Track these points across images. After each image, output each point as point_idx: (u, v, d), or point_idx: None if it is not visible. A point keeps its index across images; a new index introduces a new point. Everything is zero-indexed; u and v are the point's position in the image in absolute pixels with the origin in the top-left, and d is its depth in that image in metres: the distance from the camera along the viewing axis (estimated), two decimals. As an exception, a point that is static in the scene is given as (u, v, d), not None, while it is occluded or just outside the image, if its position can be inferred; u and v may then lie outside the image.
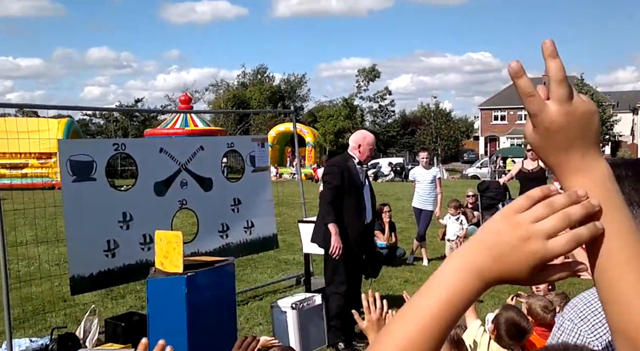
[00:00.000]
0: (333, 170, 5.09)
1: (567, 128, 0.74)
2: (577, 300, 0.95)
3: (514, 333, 2.94)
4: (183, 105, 26.44)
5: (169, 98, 54.19)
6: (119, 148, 5.44)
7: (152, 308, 3.95)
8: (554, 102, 0.74)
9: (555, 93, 0.74)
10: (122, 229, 5.31)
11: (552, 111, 0.74)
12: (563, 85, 0.74)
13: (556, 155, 0.76)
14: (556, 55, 0.74)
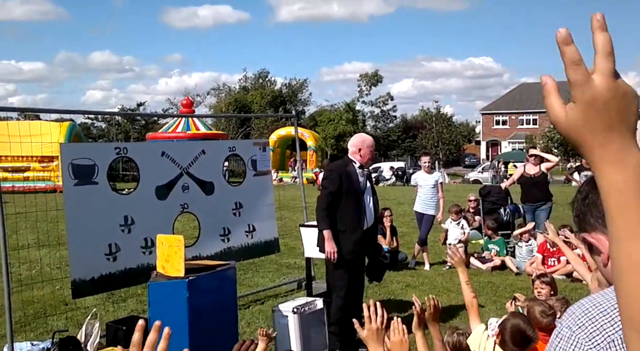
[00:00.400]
0: (331, 175, 5.06)
1: (610, 105, 0.70)
2: (575, 308, 0.94)
3: (518, 340, 2.93)
4: (185, 109, 26.52)
5: (171, 102, 54.36)
6: (121, 152, 5.45)
7: (153, 312, 3.94)
8: (600, 75, 0.70)
9: (601, 66, 0.70)
10: (124, 233, 5.31)
11: (598, 83, 0.70)
12: (610, 58, 0.70)
13: (594, 136, 0.71)
14: (605, 29, 0.70)
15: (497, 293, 6.92)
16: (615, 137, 0.71)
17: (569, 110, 0.72)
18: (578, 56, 0.71)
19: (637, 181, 0.70)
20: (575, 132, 0.72)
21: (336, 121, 45.23)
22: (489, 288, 7.16)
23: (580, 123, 0.72)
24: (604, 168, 0.71)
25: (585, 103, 0.71)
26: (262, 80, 55.41)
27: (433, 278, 7.78)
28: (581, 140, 0.72)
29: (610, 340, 0.86)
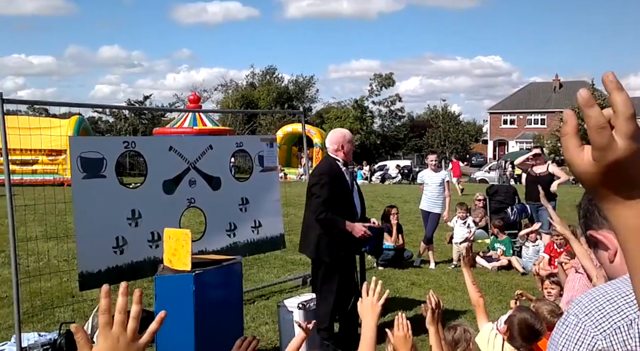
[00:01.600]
0: (322, 180, 4.82)
1: (632, 166, 0.71)
2: (582, 297, 0.96)
3: (526, 335, 2.93)
4: (192, 104, 26.53)
5: (178, 97, 54.43)
6: (129, 146, 5.47)
7: (159, 305, 3.97)
8: (622, 138, 0.70)
9: (623, 129, 0.70)
10: (131, 226, 5.33)
11: (621, 147, 0.70)
12: (632, 121, 0.70)
13: (615, 191, 0.72)
14: (621, 88, 0.70)
15: (503, 292, 6.91)
16: (628, 199, 0.71)
17: (588, 165, 0.72)
18: (603, 119, 0.70)
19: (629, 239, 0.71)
20: (592, 184, 0.73)
21: (344, 118, 45.20)
22: (495, 288, 7.15)
23: (600, 178, 0.72)
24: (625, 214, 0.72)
25: (607, 166, 0.71)
26: (269, 76, 55.42)
27: (438, 276, 7.77)
28: (598, 192, 0.73)
29: (617, 326, 0.88)
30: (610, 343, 0.88)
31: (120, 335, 1.01)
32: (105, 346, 1.00)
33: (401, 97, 52.72)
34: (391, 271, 7.90)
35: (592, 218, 1.10)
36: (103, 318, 1.02)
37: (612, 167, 0.71)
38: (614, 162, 0.70)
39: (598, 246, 1.10)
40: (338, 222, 4.78)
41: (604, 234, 1.07)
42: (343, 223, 4.77)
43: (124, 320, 1.02)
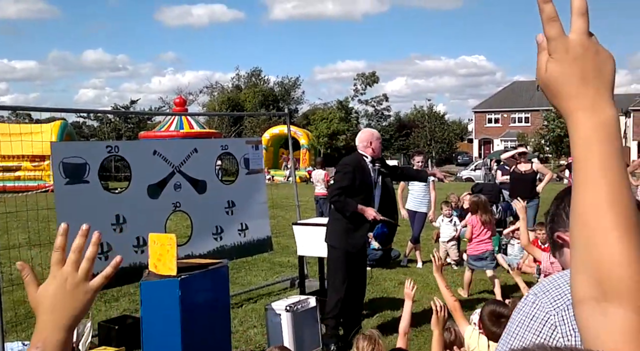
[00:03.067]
0: (345, 169, 5.07)
1: (584, 60, 0.74)
2: (544, 279, 1.01)
3: (494, 320, 3.09)
4: (178, 107, 26.40)
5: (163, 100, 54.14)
6: (113, 151, 5.43)
7: (145, 311, 3.93)
8: (574, 32, 0.75)
9: (575, 25, 0.75)
10: (116, 232, 5.29)
11: (571, 39, 0.75)
12: (584, 18, 0.74)
13: (570, 86, 0.75)
14: None
15: (490, 289, 6.94)
16: (590, 89, 0.74)
17: (548, 64, 0.76)
18: (554, 13, 0.75)
19: (604, 131, 0.73)
20: (553, 83, 0.77)
21: (330, 120, 45.24)
22: (482, 285, 7.19)
23: (556, 75, 0.76)
24: (576, 116, 0.75)
25: (560, 56, 0.75)
26: (254, 78, 55.31)
27: (426, 276, 7.78)
28: (557, 91, 0.76)
29: (570, 303, 0.89)
30: (562, 317, 0.90)
31: (70, 274, 0.97)
32: (54, 283, 0.96)
33: (387, 97, 52.98)
34: (379, 272, 7.90)
35: (559, 221, 1.15)
36: (55, 256, 0.98)
37: (566, 58, 0.75)
38: (566, 52, 0.74)
39: (564, 247, 1.14)
40: (350, 205, 4.92)
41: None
42: (355, 206, 4.91)
43: (77, 259, 0.98)
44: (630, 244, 0.71)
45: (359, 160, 5.14)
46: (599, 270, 0.71)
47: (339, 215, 5.03)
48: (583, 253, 0.73)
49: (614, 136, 0.74)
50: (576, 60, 0.75)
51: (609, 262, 0.71)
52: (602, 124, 0.73)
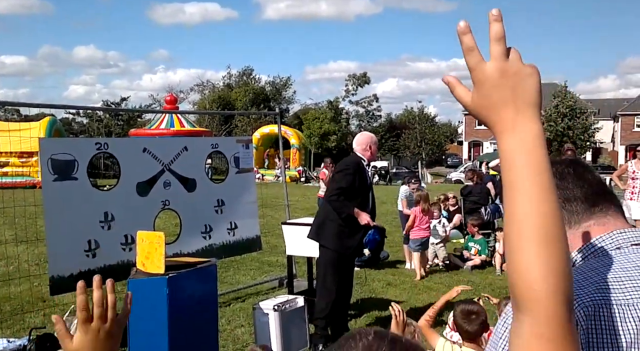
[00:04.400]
0: (347, 170, 5.07)
1: (501, 84, 0.78)
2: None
3: (466, 318, 3.15)
4: (168, 105, 26.27)
5: (154, 98, 53.87)
6: (102, 148, 5.39)
7: (132, 309, 3.90)
8: (491, 58, 0.79)
9: (492, 50, 0.79)
10: (104, 229, 5.26)
11: (488, 66, 0.79)
12: (500, 43, 0.79)
13: (490, 113, 0.80)
14: (500, 20, 0.80)
15: (477, 292, 6.97)
16: (510, 111, 0.78)
17: (472, 94, 0.81)
18: (472, 43, 0.80)
19: (523, 147, 0.77)
20: (479, 110, 0.81)
21: (321, 120, 45.24)
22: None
23: (480, 102, 0.80)
24: (500, 138, 0.80)
25: (480, 84, 0.80)
26: (246, 77, 55.19)
27: (413, 276, 7.82)
28: (484, 117, 0.81)
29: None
30: None
31: (101, 327, 1.06)
32: (86, 339, 1.04)
33: (378, 97, 53.03)
34: (367, 272, 7.91)
35: None
36: (82, 315, 1.05)
37: (485, 85, 0.79)
38: (485, 80, 0.79)
39: None
40: (347, 207, 4.95)
41: None
42: (352, 209, 4.93)
43: (102, 312, 1.06)
44: (547, 258, 0.74)
45: (358, 162, 5.18)
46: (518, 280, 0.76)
47: (335, 216, 5.03)
48: (509, 263, 0.78)
49: (534, 151, 0.77)
50: (494, 87, 0.78)
51: (525, 275, 0.75)
52: (522, 141, 0.77)
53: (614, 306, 0.88)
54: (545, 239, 0.74)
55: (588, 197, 1.06)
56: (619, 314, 0.87)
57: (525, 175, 0.76)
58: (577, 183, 1.08)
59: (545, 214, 0.75)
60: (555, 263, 0.74)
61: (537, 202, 0.75)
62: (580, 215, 1.07)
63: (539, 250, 0.74)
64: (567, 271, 0.76)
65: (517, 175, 0.77)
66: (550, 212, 0.75)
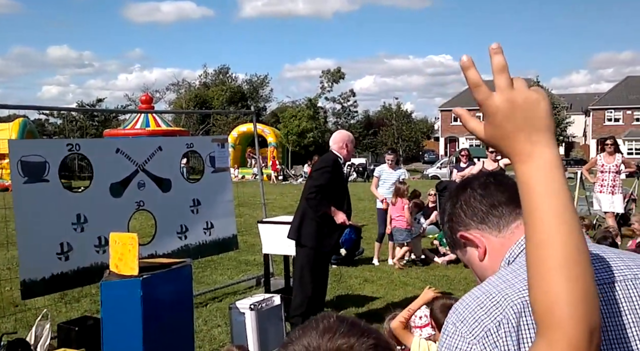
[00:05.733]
0: (326, 169, 5.09)
1: (511, 114, 0.80)
2: (458, 304, 0.99)
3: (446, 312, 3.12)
4: (144, 105, 25.97)
5: (129, 98, 53.20)
6: (73, 149, 5.32)
7: (106, 312, 3.87)
8: (497, 90, 0.80)
9: (496, 82, 0.80)
10: (76, 231, 5.19)
11: (496, 99, 0.80)
12: (503, 74, 0.80)
13: (505, 143, 0.81)
14: (500, 53, 0.80)
15: (452, 286, 7.06)
16: (524, 140, 0.80)
17: (484, 126, 0.83)
18: (478, 78, 0.82)
19: (540, 174, 0.79)
20: (494, 141, 0.83)
21: (299, 118, 45.17)
22: (444, 281, 7.31)
23: (494, 133, 0.82)
24: (517, 167, 0.81)
25: (492, 117, 0.81)
26: (222, 76, 54.83)
27: (390, 272, 7.88)
28: (499, 147, 0.83)
29: (487, 329, 0.91)
30: (484, 346, 0.90)
31: None
32: None
33: (355, 92, 53.07)
34: (344, 269, 7.95)
35: (459, 221, 1.16)
36: None
37: (496, 117, 0.80)
38: (495, 112, 0.80)
39: (467, 246, 1.16)
40: (324, 205, 4.97)
41: (473, 234, 1.14)
42: (328, 207, 4.96)
43: None
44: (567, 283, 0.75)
45: (335, 160, 5.20)
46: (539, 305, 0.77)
47: (313, 214, 5.05)
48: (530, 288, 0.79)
49: (551, 177, 0.79)
50: (505, 118, 0.80)
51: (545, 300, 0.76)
52: (539, 168, 0.79)
53: None
54: (567, 264, 0.75)
55: (511, 200, 1.11)
56: None
57: (544, 202, 0.77)
58: (499, 189, 1.13)
59: (565, 240, 0.76)
60: (576, 288, 0.74)
61: (556, 228, 0.76)
62: (508, 217, 1.11)
63: (560, 275, 0.75)
64: (591, 296, 0.75)
65: (536, 203, 0.78)
66: (570, 237, 0.76)
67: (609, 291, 0.94)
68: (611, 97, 54.25)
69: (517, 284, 0.93)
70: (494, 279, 0.98)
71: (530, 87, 0.82)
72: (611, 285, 0.94)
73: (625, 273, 0.97)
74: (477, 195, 1.14)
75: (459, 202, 1.16)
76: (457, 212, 1.16)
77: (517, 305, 0.90)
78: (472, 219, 1.13)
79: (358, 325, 0.85)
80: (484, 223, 1.12)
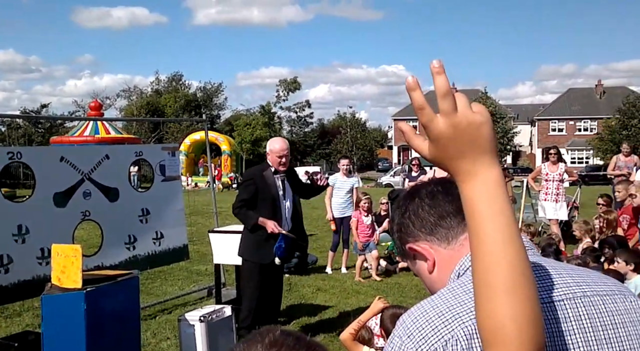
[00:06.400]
0: (246, 182, 5.09)
1: (455, 138, 0.80)
2: (406, 316, 0.96)
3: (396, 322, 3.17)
4: (93, 112, 25.27)
5: (78, 104, 51.74)
6: (15, 157, 5.12)
7: (47, 327, 3.72)
8: (441, 114, 0.80)
9: (440, 106, 0.80)
10: (17, 243, 4.99)
11: (440, 123, 0.80)
12: (447, 98, 0.79)
13: (450, 164, 0.82)
14: (442, 72, 0.80)
15: (404, 293, 7.14)
16: (468, 161, 0.81)
17: (429, 146, 0.83)
18: (422, 101, 0.81)
19: (484, 194, 0.80)
20: (439, 161, 0.83)
21: (253, 126, 44.94)
22: (396, 289, 7.38)
23: (438, 154, 0.82)
24: (462, 187, 0.82)
25: (435, 140, 0.82)
26: (175, 83, 54.04)
27: (343, 281, 7.90)
28: (444, 167, 0.84)
29: (434, 348, 0.88)
30: None
31: None
32: None
33: (310, 103, 53.22)
34: (297, 278, 7.93)
35: (408, 231, 1.13)
36: None
37: (439, 141, 0.81)
38: (438, 136, 0.81)
39: (416, 258, 1.14)
40: (251, 218, 4.93)
41: (422, 246, 1.10)
42: (256, 219, 4.91)
43: None
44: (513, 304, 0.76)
45: (263, 170, 5.10)
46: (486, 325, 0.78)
47: (247, 227, 5.03)
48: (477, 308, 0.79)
49: (495, 197, 0.80)
50: (450, 141, 0.80)
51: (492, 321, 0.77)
52: (482, 188, 0.80)
53: None
54: (513, 288, 0.76)
55: (459, 211, 1.04)
56: None
57: (488, 222, 0.78)
58: (447, 199, 1.10)
59: (510, 263, 0.76)
60: (522, 310, 0.75)
61: (502, 251, 0.77)
62: (456, 229, 1.08)
63: (506, 298, 0.75)
64: (537, 318, 0.76)
65: (480, 222, 0.79)
66: (516, 257, 0.77)
67: (555, 311, 0.93)
68: (555, 108, 56.37)
69: (468, 302, 0.91)
70: (444, 293, 0.96)
71: (476, 99, 0.81)
72: (559, 303, 0.94)
73: (574, 291, 0.96)
74: (424, 205, 1.12)
75: (407, 211, 1.14)
76: (406, 222, 1.13)
77: (468, 327, 0.88)
78: (421, 230, 1.11)
79: (304, 339, 0.84)
80: (432, 234, 1.10)
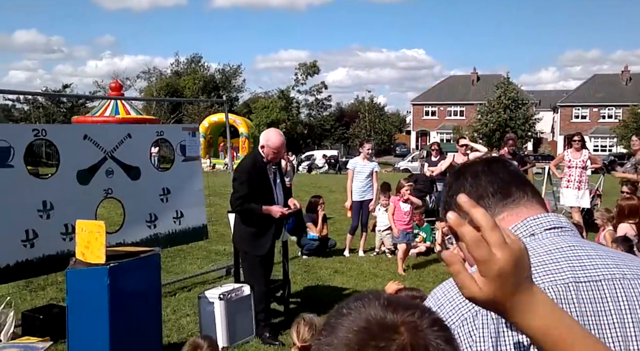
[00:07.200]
0: (240, 177, 4.93)
1: (515, 271, 0.76)
2: (437, 289, 0.99)
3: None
4: (113, 92, 25.48)
5: (98, 84, 52.12)
6: (40, 134, 5.20)
7: (71, 300, 3.81)
8: (497, 248, 0.75)
9: (494, 240, 0.74)
10: (42, 218, 5.09)
11: (500, 257, 0.75)
12: (495, 230, 0.75)
13: (509, 299, 0.77)
14: (475, 205, 0.76)
15: (421, 278, 7.16)
16: (524, 293, 0.77)
17: (482, 286, 0.77)
18: (477, 235, 0.75)
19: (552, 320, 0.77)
20: (494, 302, 0.77)
21: (270, 109, 44.94)
22: (413, 274, 7.40)
23: (496, 293, 0.76)
24: (523, 318, 0.77)
25: (495, 277, 0.76)
26: (194, 65, 54.11)
27: (360, 264, 7.93)
28: (500, 306, 0.78)
29: (464, 318, 0.91)
30: (458, 334, 0.90)
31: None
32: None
33: (327, 85, 52.89)
34: (315, 260, 7.98)
35: (452, 209, 1.12)
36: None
37: (501, 277, 0.75)
38: (500, 272, 0.75)
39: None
40: (255, 209, 4.90)
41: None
42: (260, 209, 4.89)
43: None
44: None
45: (255, 161, 4.99)
46: None
47: (245, 220, 4.99)
48: None
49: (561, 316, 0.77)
50: (510, 275, 0.76)
51: None
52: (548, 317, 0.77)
53: None
54: None
55: (499, 191, 1.09)
56: None
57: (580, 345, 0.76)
58: (489, 179, 1.11)
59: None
60: None
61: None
62: (494, 209, 1.09)
63: None
64: None
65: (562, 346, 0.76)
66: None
67: (592, 290, 0.94)
68: (579, 94, 55.41)
69: None
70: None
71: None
72: (597, 283, 0.95)
73: (613, 272, 0.97)
74: (467, 184, 1.13)
75: (451, 190, 1.16)
76: (449, 201, 1.15)
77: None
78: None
79: (414, 303, 0.81)
80: None
